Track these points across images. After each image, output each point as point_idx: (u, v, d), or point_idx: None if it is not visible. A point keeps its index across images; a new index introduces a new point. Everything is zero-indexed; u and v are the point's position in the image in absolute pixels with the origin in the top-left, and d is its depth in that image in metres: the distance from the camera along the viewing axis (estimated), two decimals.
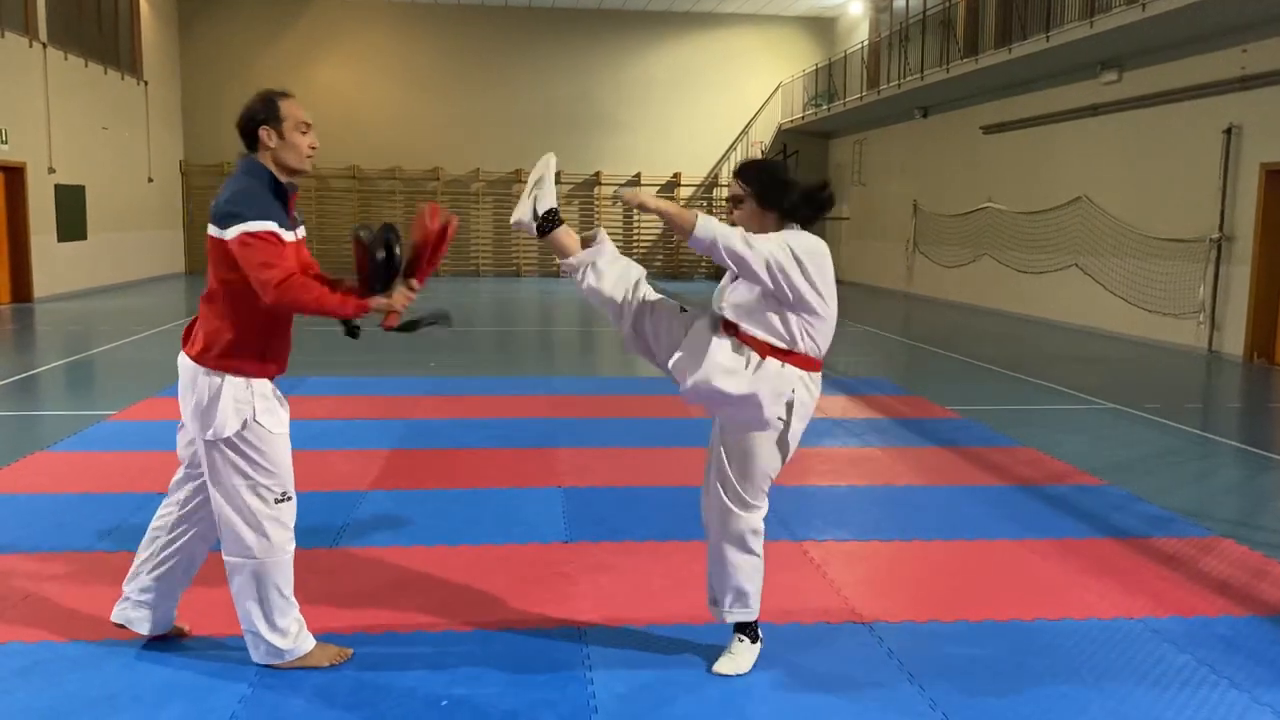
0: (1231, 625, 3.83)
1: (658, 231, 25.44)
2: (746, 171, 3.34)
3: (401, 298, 3.22)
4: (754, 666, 3.40)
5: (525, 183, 3.29)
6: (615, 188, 25.03)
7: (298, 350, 3.54)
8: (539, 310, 17.73)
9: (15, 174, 15.89)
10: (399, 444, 6.60)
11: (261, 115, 3.23)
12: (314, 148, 3.29)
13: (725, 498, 3.34)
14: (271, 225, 3.08)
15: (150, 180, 21.29)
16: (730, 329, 3.26)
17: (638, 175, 25.05)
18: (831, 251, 3.27)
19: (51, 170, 16.82)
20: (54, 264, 16.86)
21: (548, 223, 3.37)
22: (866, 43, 21.48)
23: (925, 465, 6.32)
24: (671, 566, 4.36)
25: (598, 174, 24.76)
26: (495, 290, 21.03)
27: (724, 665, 3.37)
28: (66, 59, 17.46)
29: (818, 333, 3.22)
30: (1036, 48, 13.65)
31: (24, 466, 5.89)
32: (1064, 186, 14.83)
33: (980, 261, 17.41)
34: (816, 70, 23.38)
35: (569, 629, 3.70)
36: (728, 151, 25.32)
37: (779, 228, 3.27)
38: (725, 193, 25.29)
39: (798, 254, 3.13)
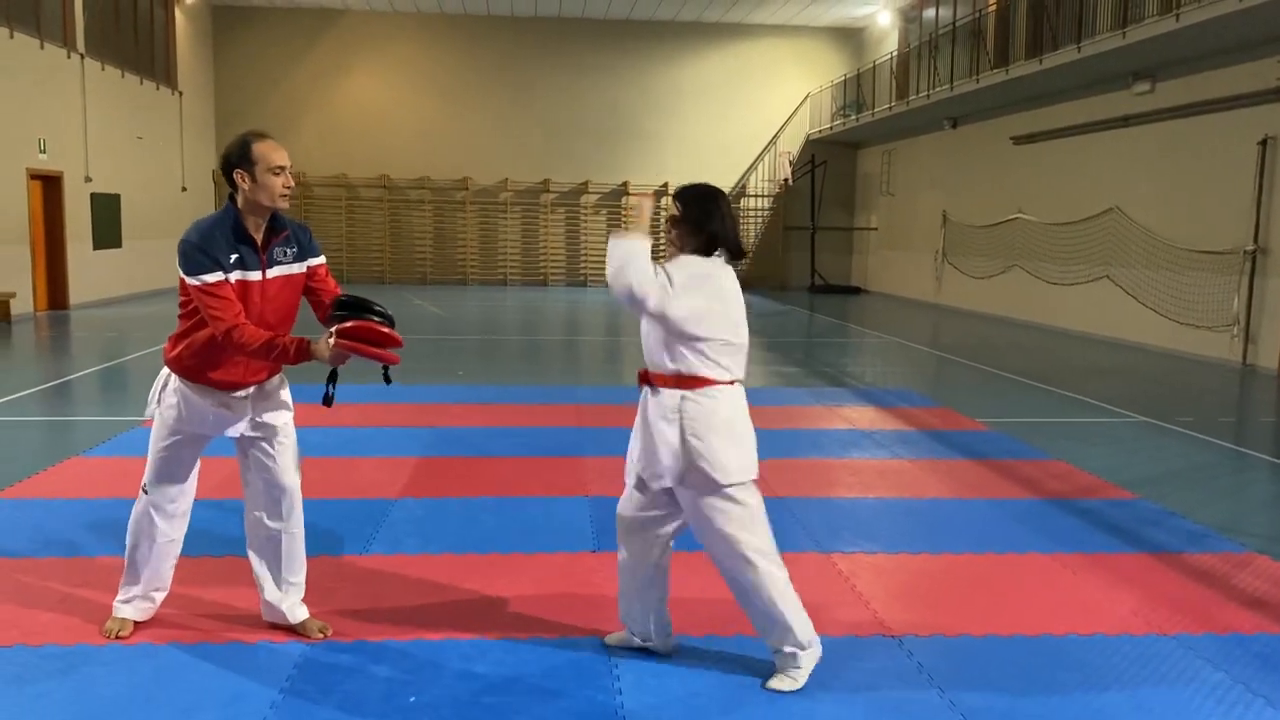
0: (1267, 643, 3.78)
1: None
2: (684, 194, 3.40)
3: (325, 347, 3.32)
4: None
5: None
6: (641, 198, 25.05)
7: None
8: (566, 319, 17.78)
9: (53, 183, 16.14)
10: (428, 451, 6.64)
11: (235, 158, 3.41)
12: (289, 187, 3.45)
13: None
14: (211, 277, 3.32)
15: (184, 189, 21.56)
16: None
17: (665, 185, 25.08)
18: (858, 262, 3.29)
19: (88, 179, 17.07)
20: (89, 271, 17.10)
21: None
22: (895, 53, 21.44)
23: (954, 478, 6.29)
24: (699, 577, 4.35)
25: (625, 184, 24.82)
26: (522, 299, 21.11)
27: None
28: (104, 70, 17.74)
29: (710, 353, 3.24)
30: (1068, 58, 13.58)
31: (60, 471, 5.97)
32: (1095, 198, 14.72)
33: (1010, 273, 17.30)
34: (845, 80, 23.35)
35: (596, 638, 3.71)
36: (755, 161, 25.32)
37: (707, 254, 3.33)
38: (752, 203, 25.44)
39: (675, 280, 3.18)
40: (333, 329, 3.34)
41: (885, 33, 23.35)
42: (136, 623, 3.68)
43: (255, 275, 3.42)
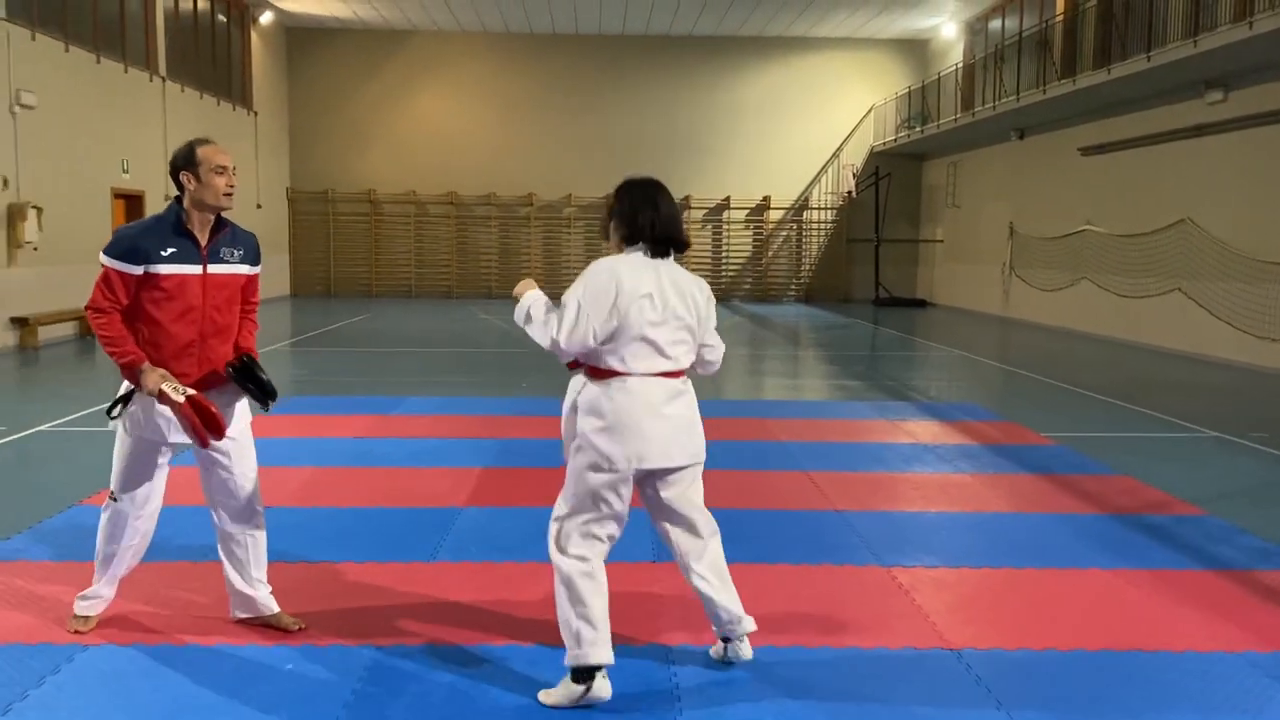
0: None
1: (746, 255, 25.48)
2: (619, 186, 3.51)
3: (152, 380, 3.50)
4: (837, 693, 3.43)
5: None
6: (705, 212, 25.17)
7: (398, 373, 3.71)
8: None
9: (135, 201, 16.75)
10: (493, 462, 6.78)
11: (182, 161, 3.65)
12: (232, 186, 3.67)
13: None
14: (117, 265, 3.55)
15: (259, 206, 22.16)
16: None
17: (727, 199, 25.16)
18: (924, 275, 3.32)
19: (167, 198, 17.57)
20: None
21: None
22: (960, 65, 21.27)
23: (1017, 492, 6.24)
24: (758, 589, 4.40)
25: (687, 198, 24.93)
26: None
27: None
28: (183, 91, 18.37)
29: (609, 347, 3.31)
30: (1137, 68, 13.37)
31: None
32: (1166, 209, 14.44)
33: (1079, 285, 17.03)
34: (910, 92, 23.21)
35: (656, 648, 3.77)
36: (818, 174, 25.26)
37: (633, 244, 3.40)
38: (815, 215, 25.35)
39: (579, 284, 3.30)
40: (186, 395, 3.48)
41: (950, 44, 23.19)
42: (98, 619, 3.89)
43: (195, 269, 3.63)
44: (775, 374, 12.67)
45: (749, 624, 3.58)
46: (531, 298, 3.40)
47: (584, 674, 3.27)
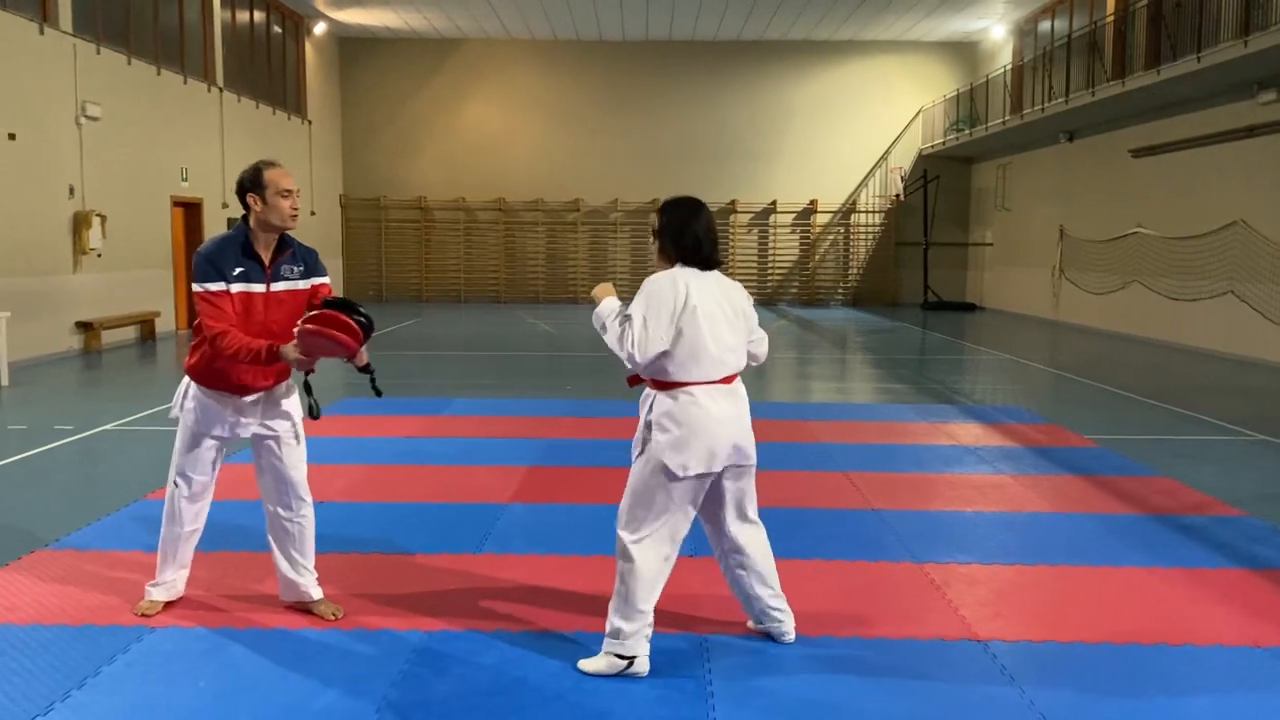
0: None
1: (793, 259, 25.50)
2: (663, 207, 3.69)
3: (291, 350, 3.72)
4: (865, 678, 3.54)
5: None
6: (751, 216, 25.25)
7: (447, 375, 3.90)
8: None
9: (193, 209, 17.23)
10: (537, 461, 6.96)
11: (248, 183, 3.83)
12: (295, 208, 3.86)
13: None
14: (209, 287, 3.77)
15: (313, 213, 22.64)
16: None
17: (773, 203, 25.20)
18: (973, 279, 3.44)
19: (225, 205, 18.14)
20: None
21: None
22: (1009, 67, 21.15)
23: (1056, 492, 6.29)
24: (791, 583, 4.52)
25: (733, 202, 25.02)
26: None
27: None
28: (239, 101, 18.85)
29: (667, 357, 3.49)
30: (1187, 69, 13.25)
31: None
32: (1219, 211, 14.27)
33: (1130, 288, 16.85)
34: (958, 95, 23.10)
35: (692, 635, 3.91)
36: (866, 177, 25.21)
37: (670, 266, 3.61)
38: (862, 219, 25.32)
39: (641, 299, 3.52)
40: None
41: (999, 46, 23.05)
42: (166, 603, 4.12)
43: (259, 287, 3.85)
44: (820, 377, 12.74)
45: (790, 621, 3.83)
46: (607, 307, 3.60)
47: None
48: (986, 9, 21.32)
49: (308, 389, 4.03)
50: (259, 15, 20.17)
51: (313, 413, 4.02)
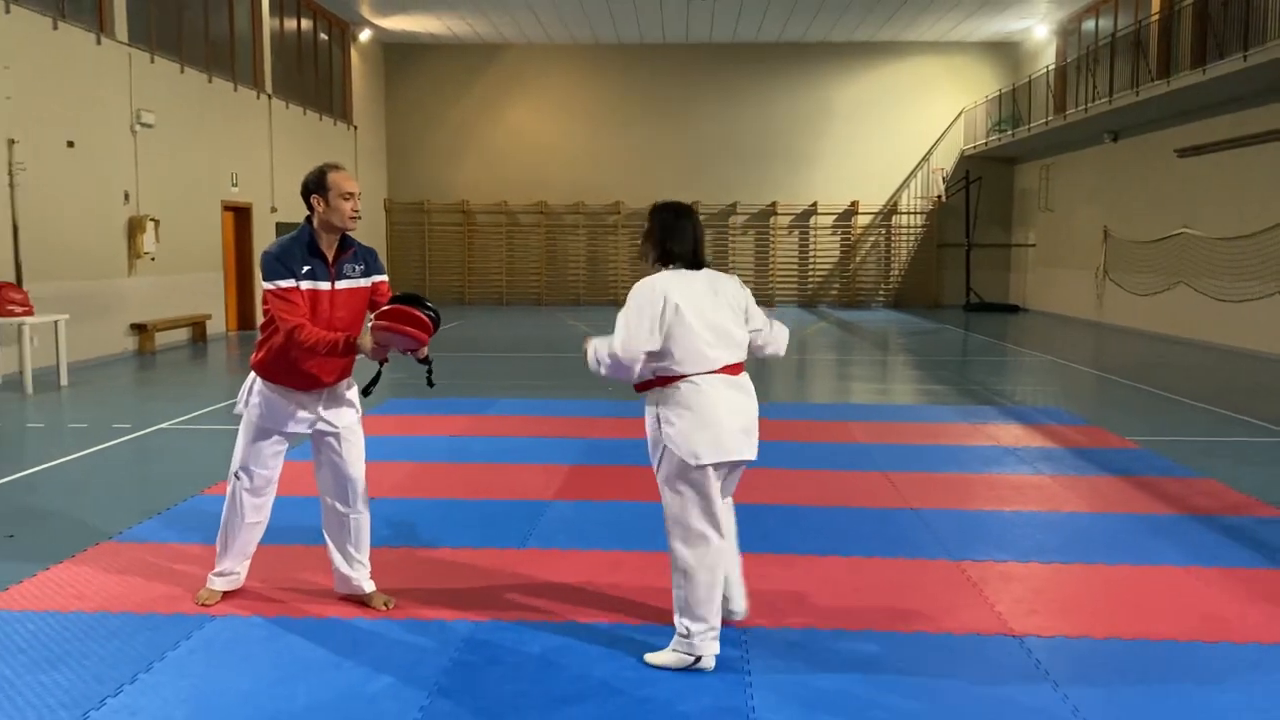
0: None
1: (834, 260, 25.47)
2: (652, 210, 3.85)
3: (367, 341, 3.89)
4: (901, 670, 3.63)
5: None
6: (791, 218, 25.25)
7: (490, 376, 4.05)
8: None
9: (243, 213, 17.61)
10: (579, 460, 7.09)
11: (313, 186, 4.01)
12: (357, 210, 4.04)
13: None
14: (279, 284, 3.93)
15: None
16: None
17: (814, 204, 25.19)
18: (1016, 280, 3.50)
19: (273, 209, 18.50)
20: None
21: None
22: (1052, 67, 20.99)
23: (1095, 493, 6.30)
24: (827, 579, 4.61)
25: (774, 204, 25.04)
26: None
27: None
28: (288, 108, 19.22)
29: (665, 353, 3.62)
30: (1233, 67, 13.11)
31: None
32: (1267, 211, 14.09)
33: (1176, 290, 16.68)
34: (1000, 95, 22.96)
35: (731, 630, 4.01)
36: (907, 179, 25.13)
37: (666, 263, 3.75)
38: (904, 220, 25.23)
39: (628, 304, 3.64)
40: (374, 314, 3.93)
41: (1042, 46, 22.87)
42: (224, 593, 4.29)
43: (325, 285, 4.02)
44: (860, 378, 12.76)
45: (740, 602, 4.02)
46: (594, 342, 3.73)
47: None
48: (1029, 9, 21.19)
49: (375, 379, 4.14)
50: (306, 23, 20.54)
51: (366, 391, 4.18)
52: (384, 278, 4.26)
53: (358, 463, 4.22)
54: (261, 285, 4.06)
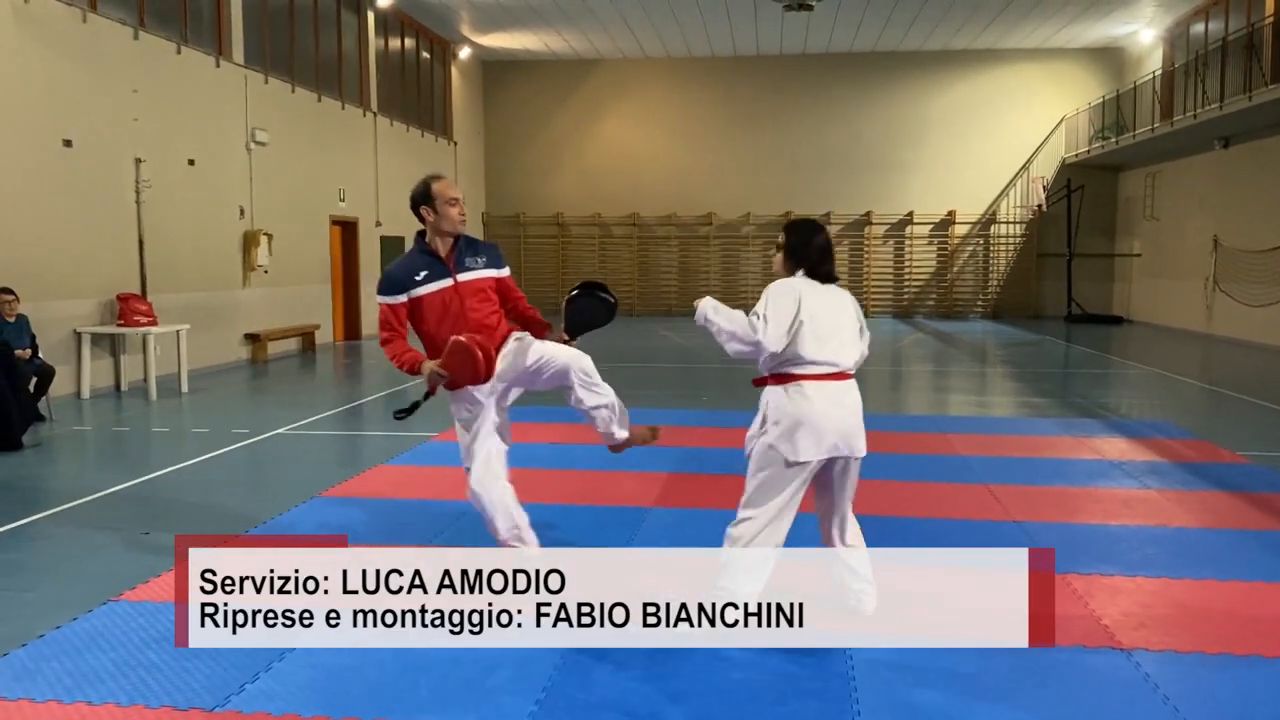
0: None
1: (930, 270, 25.16)
2: (786, 227, 4.19)
3: (428, 368, 4.25)
4: (1010, 682, 3.65)
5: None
6: (886, 228, 25.03)
7: None
8: None
9: (349, 228, 18.22)
10: (677, 468, 7.22)
11: (420, 198, 4.40)
12: (463, 214, 4.40)
13: None
14: (387, 299, 4.36)
15: None
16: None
17: (910, 214, 24.93)
18: (1120, 291, 3.61)
19: (378, 224, 19.10)
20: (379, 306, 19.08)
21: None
22: (1159, 72, 20.44)
23: (1205, 508, 6.17)
24: (927, 591, 4.63)
25: (868, 214, 24.87)
26: None
27: None
28: (391, 125, 19.83)
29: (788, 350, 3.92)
30: None
31: (369, 476, 6.97)
32: None
33: None
34: (1104, 102, 22.43)
35: (835, 649, 4.06)
36: (1006, 188, 24.70)
37: (791, 274, 4.06)
38: (1003, 230, 24.78)
39: (766, 299, 3.98)
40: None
41: (1147, 51, 22.29)
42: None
43: (447, 281, 4.34)
44: (960, 390, 12.62)
45: (870, 600, 4.21)
46: (705, 303, 4.13)
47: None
48: (1134, 13, 20.68)
49: (415, 406, 4.35)
50: (409, 42, 21.18)
51: (399, 415, 4.39)
52: (507, 273, 4.59)
53: (558, 354, 4.62)
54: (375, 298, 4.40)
